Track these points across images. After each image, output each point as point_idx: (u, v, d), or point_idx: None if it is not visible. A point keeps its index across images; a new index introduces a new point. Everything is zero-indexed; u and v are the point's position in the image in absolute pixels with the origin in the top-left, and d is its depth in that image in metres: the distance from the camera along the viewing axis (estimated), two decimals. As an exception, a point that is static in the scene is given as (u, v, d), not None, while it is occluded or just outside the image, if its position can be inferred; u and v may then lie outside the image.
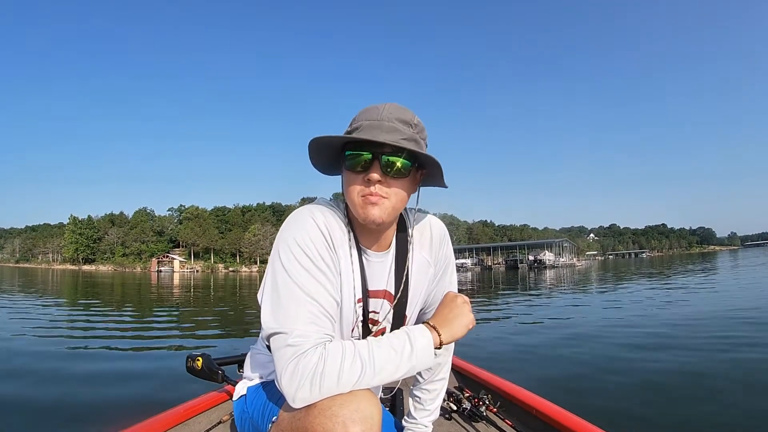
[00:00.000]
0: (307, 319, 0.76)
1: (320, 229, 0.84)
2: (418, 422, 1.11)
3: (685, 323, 6.56)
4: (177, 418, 1.47)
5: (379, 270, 0.94)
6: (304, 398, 0.72)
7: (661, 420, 2.90)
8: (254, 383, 1.00)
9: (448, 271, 1.04)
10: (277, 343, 0.76)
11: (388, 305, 0.96)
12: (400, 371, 0.77)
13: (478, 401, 1.62)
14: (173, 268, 73.46)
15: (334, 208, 0.90)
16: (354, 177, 0.84)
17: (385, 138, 0.79)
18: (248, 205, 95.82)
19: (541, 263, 56.07)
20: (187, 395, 1.62)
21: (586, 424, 1.32)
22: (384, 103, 0.85)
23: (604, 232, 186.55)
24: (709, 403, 3.18)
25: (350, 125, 0.86)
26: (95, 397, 3.52)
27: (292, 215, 0.87)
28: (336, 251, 0.86)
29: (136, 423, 1.36)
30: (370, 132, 0.80)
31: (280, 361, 0.75)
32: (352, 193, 0.84)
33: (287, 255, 0.81)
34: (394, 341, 0.79)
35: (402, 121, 0.83)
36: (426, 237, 1.00)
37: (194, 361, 1.50)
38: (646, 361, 4.44)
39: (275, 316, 0.78)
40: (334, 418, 0.69)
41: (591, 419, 1.34)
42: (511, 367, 4.41)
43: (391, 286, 0.96)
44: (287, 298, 0.78)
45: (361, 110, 0.86)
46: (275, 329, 0.77)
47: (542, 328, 6.95)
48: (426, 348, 0.80)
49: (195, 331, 7.53)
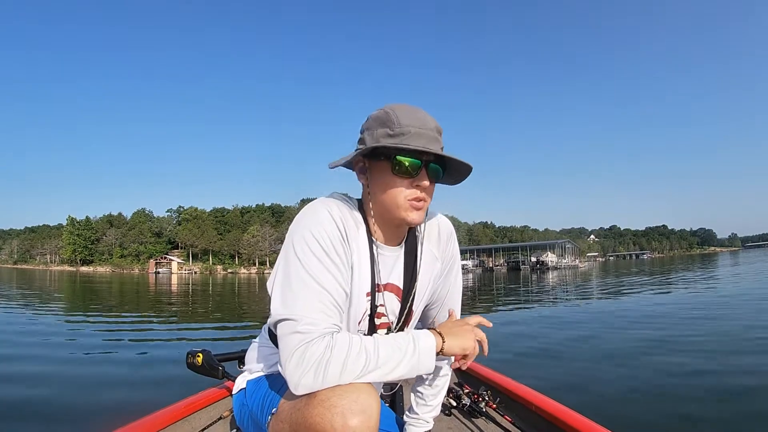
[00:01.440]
0: (317, 308, 0.77)
1: (335, 221, 0.85)
2: (419, 417, 1.11)
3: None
4: (177, 414, 1.47)
5: (390, 264, 0.96)
6: (307, 385, 0.73)
7: (661, 420, 2.91)
8: (254, 376, 1.01)
9: (455, 268, 1.07)
10: (285, 330, 0.77)
11: (396, 299, 0.97)
12: (400, 369, 0.78)
13: (477, 397, 1.62)
14: (171, 270, 73.29)
15: (349, 202, 0.92)
16: (400, 181, 0.86)
17: (435, 148, 0.85)
18: (247, 206, 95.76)
19: (543, 265, 55.54)
20: (188, 391, 1.62)
21: (585, 421, 1.32)
22: (419, 109, 0.89)
23: (604, 234, 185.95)
24: (711, 404, 3.19)
25: (390, 127, 0.85)
26: (96, 395, 3.53)
27: (307, 207, 0.88)
28: (349, 244, 0.87)
29: (136, 419, 1.36)
30: (423, 141, 0.84)
31: (287, 347, 0.75)
32: (396, 196, 0.87)
33: (301, 245, 0.82)
34: (399, 340, 0.81)
35: (438, 131, 0.88)
36: (434, 233, 1.03)
37: (194, 357, 1.50)
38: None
39: (285, 303, 0.79)
40: (333, 408, 0.70)
41: (591, 416, 1.34)
42: (532, 368, 4.37)
43: (400, 280, 0.97)
44: (298, 287, 0.79)
45: (398, 112, 0.86)
46: (284, 315, 0.78)
47: (547, 329, 6.96)
48: (429, 350, 0.82)
49: (194, 332, 7.53)
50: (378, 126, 0.87)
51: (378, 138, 0.86)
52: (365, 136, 0.89)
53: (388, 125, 0.85)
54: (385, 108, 0.88)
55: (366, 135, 0.89)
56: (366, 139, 0.89)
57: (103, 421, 2.64)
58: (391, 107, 0.87)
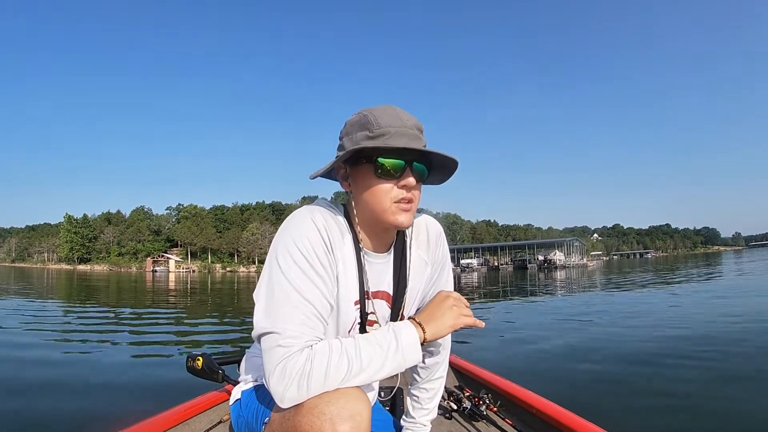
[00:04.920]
0: (300, 321, 0.77)
1: (319, 231, 0.84)
2: (416, 421, 1.11)
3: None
4: (177, 417, 1.47)
5: (379, 271, 0.94)
6: (292, 398, 0.73)
7: (662, 419, 2.91)
8: (248, 387, 1.01)
9: (445, 271, 1.05)
10: (268, 343, 0.76)
11: (386, 306, 0.96)
12: (386, 368, 0.78)
13: (478, 400, 1.62)
14: (168, 268, 73.12)
15: (334, 210, 0.90)
16: (384, 184, 0.84)
17: (417, 146, 0.82)
18: (247, 203, 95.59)
19: (551, 263, 54.73)
20: (188, 395, 1.62)
21: (586, 423, 1.32)
22: (396, 108, 0.87)
23: (607, 232, 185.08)
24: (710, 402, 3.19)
25: (370, 129, 0.83)
26: (96, 398, 3.51)
27: (291, 216, 0.87)
28: (334, 253, 0.85)
29: (136, 422, 1.35)
30: (404, 140, 0.82)
31: (270, 362, 0.75)
32: (383, 199, 0.84)
33: (284, 255, 0.81)
34: (380, 338, 0.79)
35: (419, 129, 0.86)
36: (423, 236, 1.01)
37: (194, 361, 1.50)
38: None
39: (268, 315, 0.78)
40: (321, 416, 0.70)
41: (593, 419, 1.34)
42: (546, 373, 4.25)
43: (390, 287, 0.96)
44: (281, 299, 0.78)
45: (376, 113, 0.84)
46: (267, 329, 0.77)
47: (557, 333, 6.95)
48: (412, 344, 0.81)
49: (193, 332, 7.52)
50: (357, 129, 0.85)
51: (358, 141, 0.84)
52: (344, 141, 0.87)
53: (368, 127, 0.83)
54: (362, 111, 0.86)
55: (345, 141, 0.87)
56: (345, 144, 0.86)
57: (104, 424, 2.65)
58: (368, 110, 0.85)
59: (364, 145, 0.82)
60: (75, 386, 3.82)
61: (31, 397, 3.49)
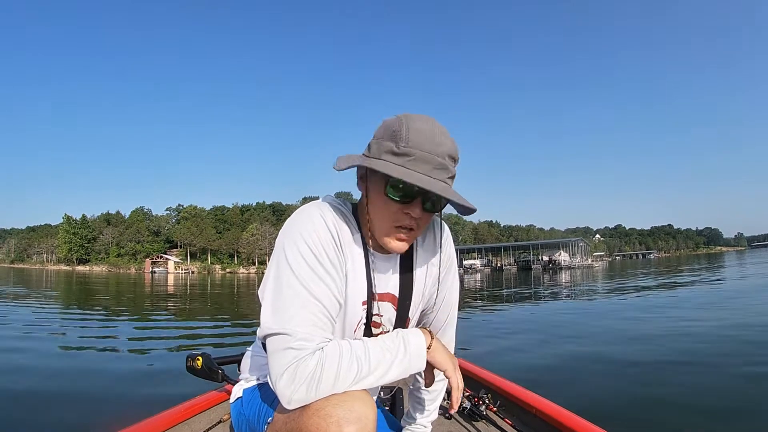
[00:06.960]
0: (310, 321, 0.74)
1: (329, 227, 0.81)
2: (416, 422, 1.11)
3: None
4: (177, 417, 1.47)
5: (386, 272, 0.93)
6: (300, 400, 0.71)
7: (661, 419, 2.91)
8: (250, 385, 1.00)
9: (451, 272, 1.04)
10: (276, 345, 0.74)
11: (392, 308, 0.95)
12: (393, 372, 0.77)
13: (478, 400, 1.62)
14: (167, 269, 72.96)
15: (344, 207, 0.89)
16: (391, 203, 0.81)
17: (439, 177, 0.78)
18: (248, 204, 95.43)
19: (556, 264, 54.11)
20: (188, 394, 1.62)
21: (586, 423, 1.32)
22: (436, 125, 0.80)
23: (609, 233, 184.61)
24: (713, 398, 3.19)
25: (397, 144, 0.78)
26: (96, 397, 3.51)
27: (299, 210, 0.84)
28: (343, 251, 0.83)
29: (136, 422, 1.35)
30: (427, 168, 0.77)
31: (279, 364, 0.73)
32: (383, 219, 0.82)
33: (293, 252, 0.78)
34: (389, 342, 0.79)
35: (452, 158, 0.81)
36: (430, 238, 0.99)
37: (194, 361, 1.50)
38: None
39: (276, 315, 0.75)
40: (328, 418, 0.69)
41: (593, 419, 1.34)
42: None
43: (396, 288, 0.95)
44: (290, 298, 0.75)
45: (411, 126, 0.78)
46: (276, 330, 0.74)
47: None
48: (419, 349, 0.80)
49: (193, 332, 7.51)
50: (386, 138, 0.81)
51: (381, 152, 0.80)
52: (373, 143, 0.83)
53: (396, 140, 0.78)
54: (400, 117, 0.81)
55: (373, 143, 0.83)
56: (373, 147, 0.83)
57: (104, 423, 2.65)
58: (406, 118, 0.80)
59: (384, 159, 0.78)
60: (75, 386, 3.82)
61: (31, 397, 3.48)
